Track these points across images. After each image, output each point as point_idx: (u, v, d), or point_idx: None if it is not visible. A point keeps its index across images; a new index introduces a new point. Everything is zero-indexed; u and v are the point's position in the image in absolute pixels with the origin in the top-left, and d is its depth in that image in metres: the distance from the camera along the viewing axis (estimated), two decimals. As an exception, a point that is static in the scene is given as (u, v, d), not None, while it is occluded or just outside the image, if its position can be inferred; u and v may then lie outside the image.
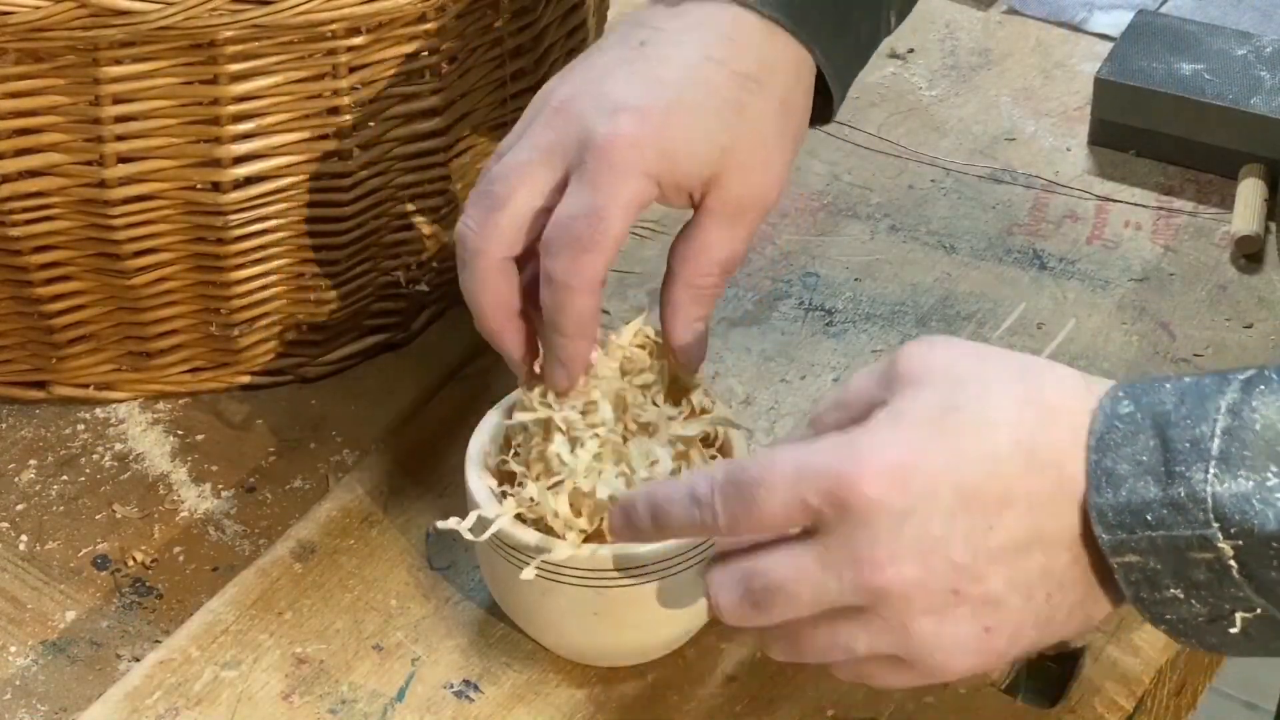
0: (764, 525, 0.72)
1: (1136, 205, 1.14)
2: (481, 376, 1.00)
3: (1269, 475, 0.66)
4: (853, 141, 1.18)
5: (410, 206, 1.00)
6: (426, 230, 1.02)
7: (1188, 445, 0.67)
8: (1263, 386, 0.68)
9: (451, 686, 0.86)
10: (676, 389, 0.86)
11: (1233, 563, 0.67)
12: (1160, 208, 1.14)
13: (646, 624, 0.83)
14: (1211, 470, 0.67)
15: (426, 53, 0.95)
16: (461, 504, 0.86)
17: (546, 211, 0.82)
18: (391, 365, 1.06)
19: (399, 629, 0.88)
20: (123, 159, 0.92)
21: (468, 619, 0.88)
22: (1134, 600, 0.70)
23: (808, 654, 0.73)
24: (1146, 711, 0.88)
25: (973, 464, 0.70)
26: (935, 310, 1.06)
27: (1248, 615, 0.68)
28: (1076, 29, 1.28)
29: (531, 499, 0.83)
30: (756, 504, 0.71)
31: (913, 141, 1.18)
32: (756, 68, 0.83)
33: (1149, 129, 1.16)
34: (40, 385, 1.03)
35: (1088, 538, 0.70)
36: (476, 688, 0.85)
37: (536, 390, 0.84)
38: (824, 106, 0.88)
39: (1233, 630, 0.69)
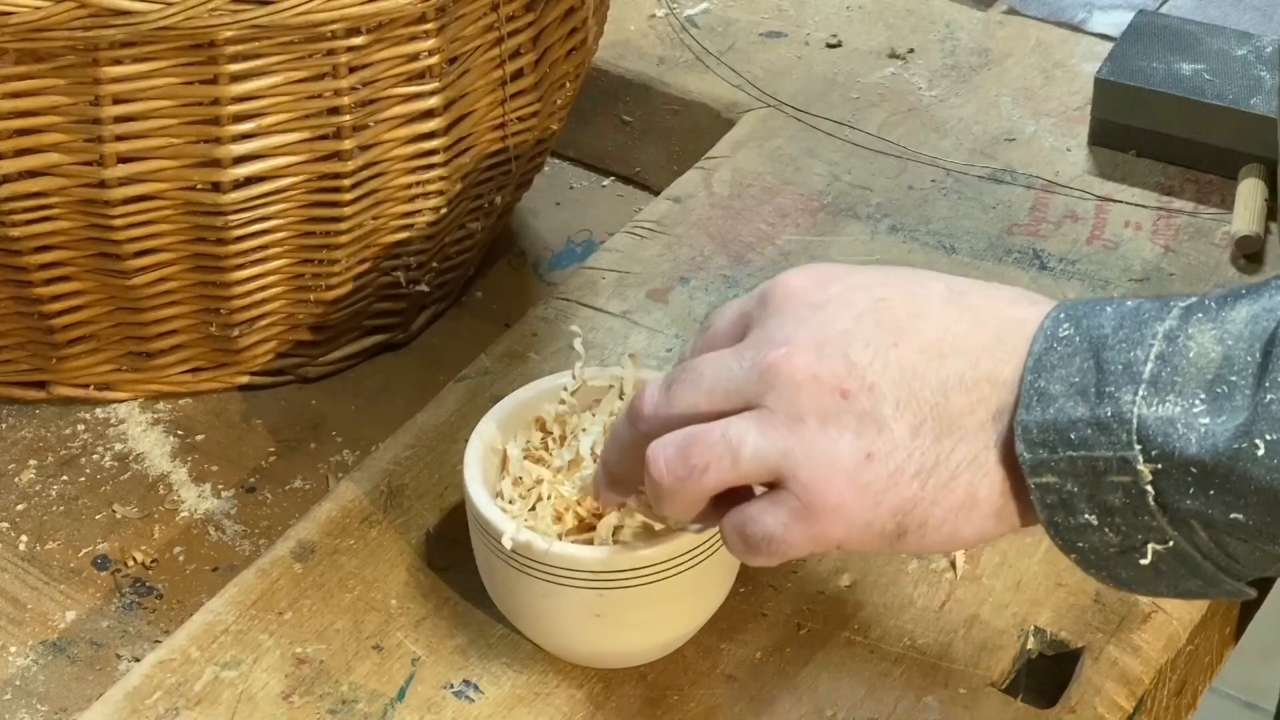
0: (713, 343, 0.75)
1: (1136, 205, 1.14)
2: (481, 376, 1.00)
3: (1196, 402, 0.66)
4: (853, 142, 1.18)
5: (410, 206, 1.00)
6: (426, 230, 1.02)
7: (1120, 368, 0.68)
8: (1200, 315, 0.68)
9: (451, 686, 0.86)
10: None
11: (1149, 488, 0.67)
12: (1160, 208, 1.14)
13: (647, 625, 0.83)
14: (1140, 393, 0.67)
15: (426, 53, 0.95)
16: (461, 504, 0.86)
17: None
18: (391, 365, 1.06)
19: (399, 629, 0.88)
20: (123, 159, 0.92)
21: (468, 619, 0.88)
22: (1048, 525, 0.70)
23: (694, 454, 0.73)
24: (1146, 711, 0.88)
25: (896, 286, 0.73)
26: (935, 310, 1.06)
27: (1159, 547, 0.69)
28: (1076, 29, 1.28)
29: (531, 502, 0.83)
30: (708, 326, 0.76)
31: (913, 141, 1.18)
32: None
33: (1149, 129, 1.16)
34: (40, 385, 1.03)
35: (1007, 443, 0.70)
36: (476, 688, 0.85)
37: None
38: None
39: (1143, 562, 0.69)
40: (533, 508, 0.84)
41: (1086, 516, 0.69)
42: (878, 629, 0.88)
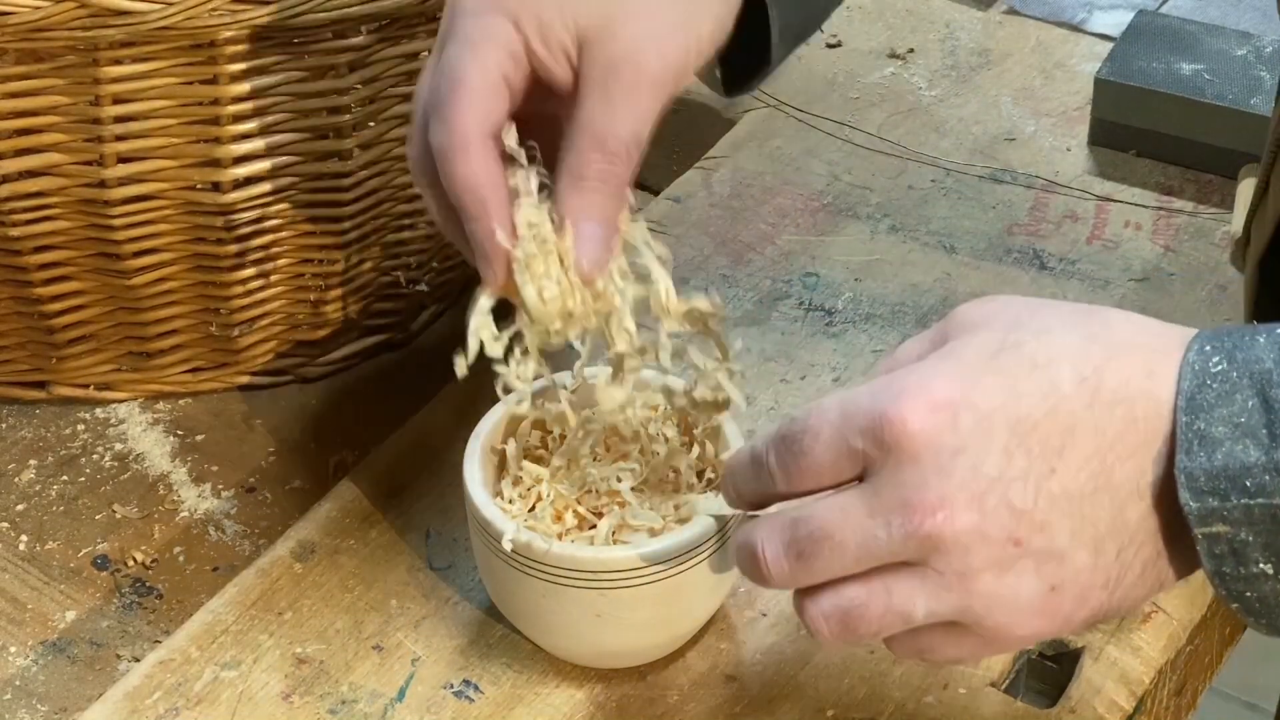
0: (815, 475, 0.68)
1: (1136, 205, 1.14)
2: (481, 376, 1.00)
3: None
4: (853, 142, 1.18)
5: (410, 206, 1.00)
6: (426, 230, 1.02)
7: None
8: None
9: (451, 686, 0.86)
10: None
11: None
12: (1160, 208, 1.14)
13: (647, 625, 0.83)
14: None
15: (426, 52, 0.95)
16: (461, 504, 0.86)
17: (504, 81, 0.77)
18: (391, 365, 1.06)
19: (399, 629, 0.88)
20: (123, 159, 0.92)
21: (468, 619, 0.88)
22: (1214, 575, 0.65)
23: (861, 626, 0.68)
24: (1146, 711, 0.88)
25: (1031, 399, 0.66)
26: (935, 310, 1.06)
27: None
28: (1076, 29, 1.28)
29: (530, 503, 0.83)
30: (804, 453, 0.68)
31: (913, 141, 1.18)
32: None
33: (1149, 129, 1.16)
34: (40, 385, 1.03)
35: (1162, 494, 0.65)
36: (476, 688, 0.85)
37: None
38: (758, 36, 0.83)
39: None
40: (532, 508, 0.84)
41: (1261, 566, 0.64)
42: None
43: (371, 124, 0.95)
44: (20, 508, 0.97)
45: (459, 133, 0.77)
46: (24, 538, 0.96)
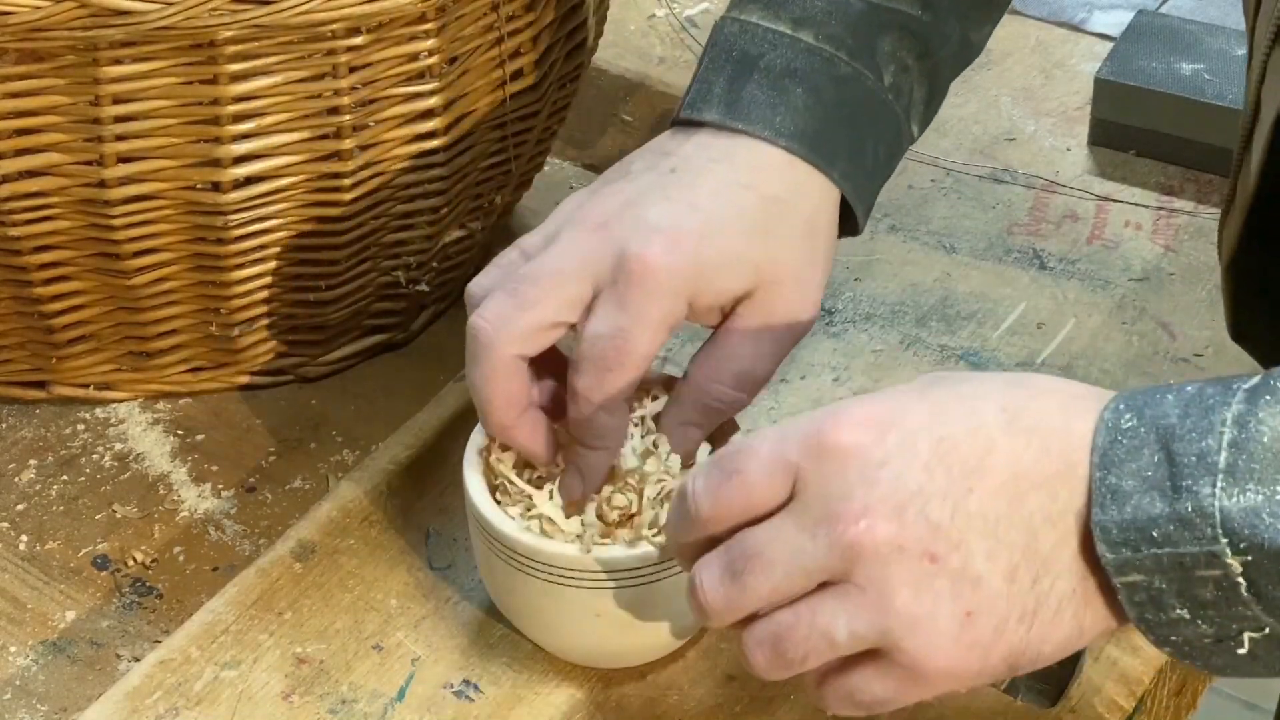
0: (749, 495, 0.71)
1: (1136, 205, 1.14)
2: (481, 376, 1.00)
3: (1278, 489, 0.65)
4: (853, 141, 1.18)
5: (410, 206, 1.00)
6: (426, 230, 1.02)
7: (1194, 459, 0.66)
8: (1268, 396, 0.66)
9: (451, 686, 0.86)
10: None
11: (1241, 580, 0.65)
12: (1160, 208, 1.14)
13: (647, 625, 0.83)
14: (1219, 484, 0.65)
15: (426, 53, 0.95)
16: (461, 504, 0.86)
17: (566, 326, 0.82)
18: (391, 365, 1.06)
19: (399, 629, 0.88)
20: (123, 159, 0.92)
21: (468, 619, 0.88)
22: (1138, 622, 0.68)
23: (789, 649, 0.71)
24: (1146, 711, 0.88)
25: (954, 423, 0.69)
26: (935, 310, 1.06)
27: (1255, 635, 0.67)
28: (1076, 29, 1.28)
29: (530, 499, 0.83)
30: (740, 472, 0.71)
31: (913, 141, 1.18)
32: (782, 191, 0.84)
33: (1149, 129, 1.16)
34: (40, 385, 1.03)
35: (1084, 543, 0.68)
36: (476, 688, 0.85)
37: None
38: (849, 219, 0.89)
39: (1240, 651, 0.67)
40: (529, 509, 0.84)
41: (1178, 611, 0.67)
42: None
43: (371, 124, 0.95)
44: (20, 508, 0.97)
45: (617, 400, 0.83)
46: (24, 538, 0.96)
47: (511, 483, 0.84)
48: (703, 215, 0.83)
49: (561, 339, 0.83)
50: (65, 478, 0.99)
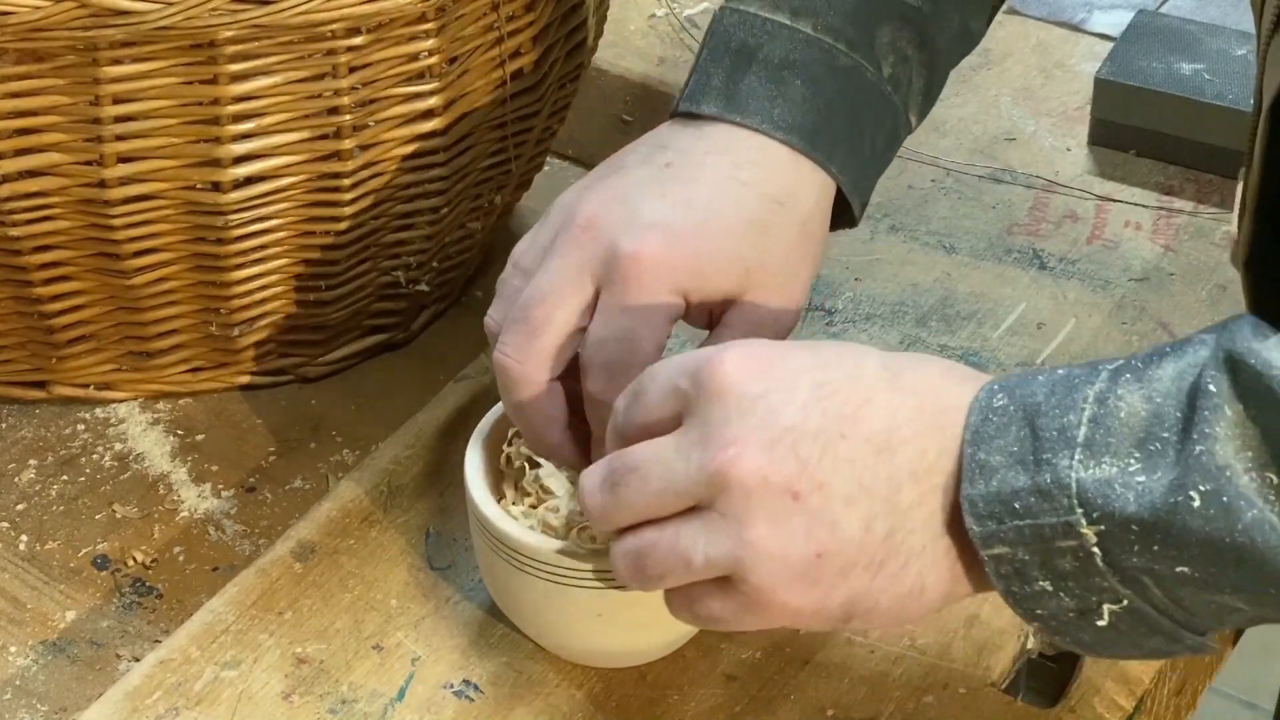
0: (646, 415, 0.74)
1: (1136, 205, 1.14)
2: (481, 376, 1.00)
3: (1131, 461, 0.67)
4: (853, 141, 1.18)
5: (410, 206, 1.00)
6: (426, 230, 1.02)
7: (1055, 434, 0.68)
8: (1128, 375, 0.69)
9: (451, 686, 0.86)
10: None
11: (1096, 550, 0.68)
12: (1160, 208, 1.14)
13: (647, 625, 0.83)
14: (1076, 456, 0.68)
15: (426, 53, 0.95)
16: (461, 504, 0.86)
17: (582, 330, 0.83)
18: (391, 365, 1.06)
19: (399, 629, 0.88)
20: (123, 159, 0.92)
21: (468, 619, 0.88)
22: (1005, 595, 0.71)
23: (649, 566, 0.74)
24: (1146, 711, 0.88)
25: (837, 369, 0.72)
26: (935, 310, 1.06)
27: (1115, 607, 0.69)
28: (1076, 29, 1.28)
29: (530, 499, 0.83)
30: (642, 393, 0.75)
31: (913, 141, 1.17)
32: (780, 190, 0.85)
33: (1149, 129, 1.16)
34: (40, 385, 1.03)
35: (950, 510, 0.70)
36: (476, 688, 0.85)
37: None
38: (846, 211, 0.89)
39: (1101, 624, 0.70)
40: (533, 508, 0.84)
41: (1041, 583, 0.70)
42: (877, 629, 0.87)
43: (371, 124, 0.95)
44: (20, 508, 0.97)
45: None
46: (24, 538, 0.96)
47: (541, 486, 0.84)
48: (699, 212, 0.83)
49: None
50: (65, 478, 0.99)
